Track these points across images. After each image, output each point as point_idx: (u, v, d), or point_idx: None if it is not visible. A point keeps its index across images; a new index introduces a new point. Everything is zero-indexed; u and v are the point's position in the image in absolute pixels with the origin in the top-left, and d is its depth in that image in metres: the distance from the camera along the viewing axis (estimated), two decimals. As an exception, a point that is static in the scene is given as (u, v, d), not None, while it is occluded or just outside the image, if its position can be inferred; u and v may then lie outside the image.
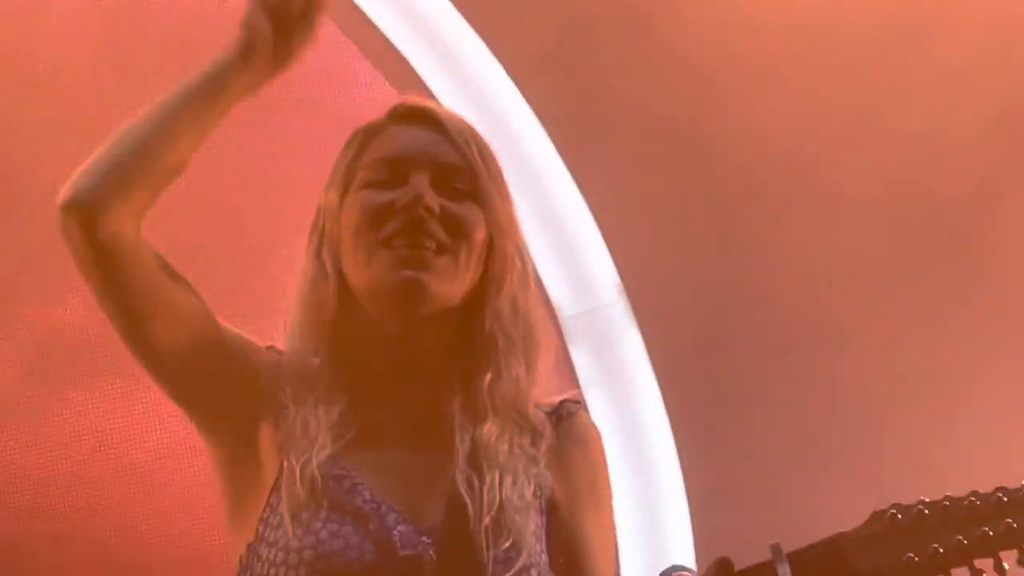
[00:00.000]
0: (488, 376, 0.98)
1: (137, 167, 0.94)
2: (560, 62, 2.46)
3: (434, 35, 2.52)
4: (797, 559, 0.83)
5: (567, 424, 1.03)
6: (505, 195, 1.03)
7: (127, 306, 0.95)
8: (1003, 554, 0.83)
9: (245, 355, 0.99)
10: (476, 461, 0.96)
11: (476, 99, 2.46)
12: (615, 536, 1.06)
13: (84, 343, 2.30)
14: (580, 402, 1.08)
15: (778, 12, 2.48)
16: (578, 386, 2.34)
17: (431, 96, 2.29)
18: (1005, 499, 0.83)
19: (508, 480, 0.95)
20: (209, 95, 0.96)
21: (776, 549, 0.83)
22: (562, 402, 1.05)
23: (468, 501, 0.93)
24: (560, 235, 2.49)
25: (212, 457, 0.99)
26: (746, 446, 2.40)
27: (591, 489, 1.02)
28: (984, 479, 0.87)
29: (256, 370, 0.99)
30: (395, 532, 0.91)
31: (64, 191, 0.93)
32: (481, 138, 1.05)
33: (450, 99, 2.34)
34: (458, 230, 0.98)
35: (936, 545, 0.82)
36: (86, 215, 0.92)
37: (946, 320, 2.45)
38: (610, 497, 1.05)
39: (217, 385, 0.98)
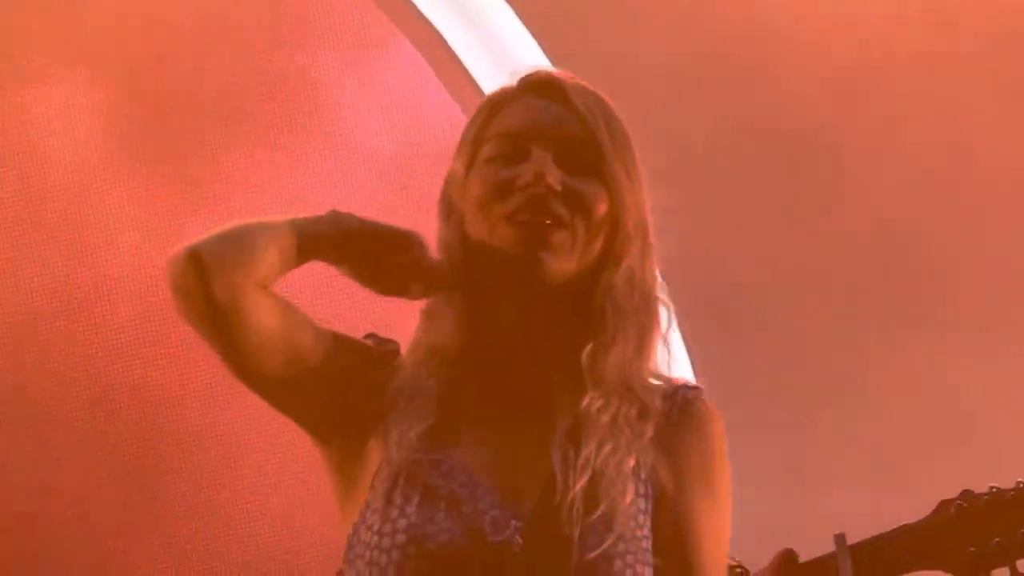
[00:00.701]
0: (593, 347, 0.97)
1: (265, 254, 0.98)
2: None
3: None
4: (860, 551, 0.83)
5: (683, 409, 1.00)
6: (631, 170, 1.01)
7: (237, 353, 0.98)
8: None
9: (362, 373, 1.01)
10: (575, 434, 0.95)
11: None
12: (727, 530, 0.99)
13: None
14: (699, 388, 1.03)
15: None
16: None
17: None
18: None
19: (605, 449, 0.93)
20: (354, 247, 1.02)
21: (839, 540, 0.83)
22: (680, 386, 1.02)
23: (559, 476, 0.92)
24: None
25: (321, 455, 1.02)
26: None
27: (704, 476, 0.99)
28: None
29: (371, 386, 1.00)
30: (487, 516, 0.92)
31: (188, 246, 0.96)
32: (610, 110, 1.03)
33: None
34: (579, 206, 0.98)
35: (999, 539, 0.81)
36: (203, 271, 0.95)
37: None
38: (726, 488, 1.00)
39: (332, 409, 1.00)
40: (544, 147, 0.99)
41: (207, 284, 0.95)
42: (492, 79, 2.39)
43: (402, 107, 2.61)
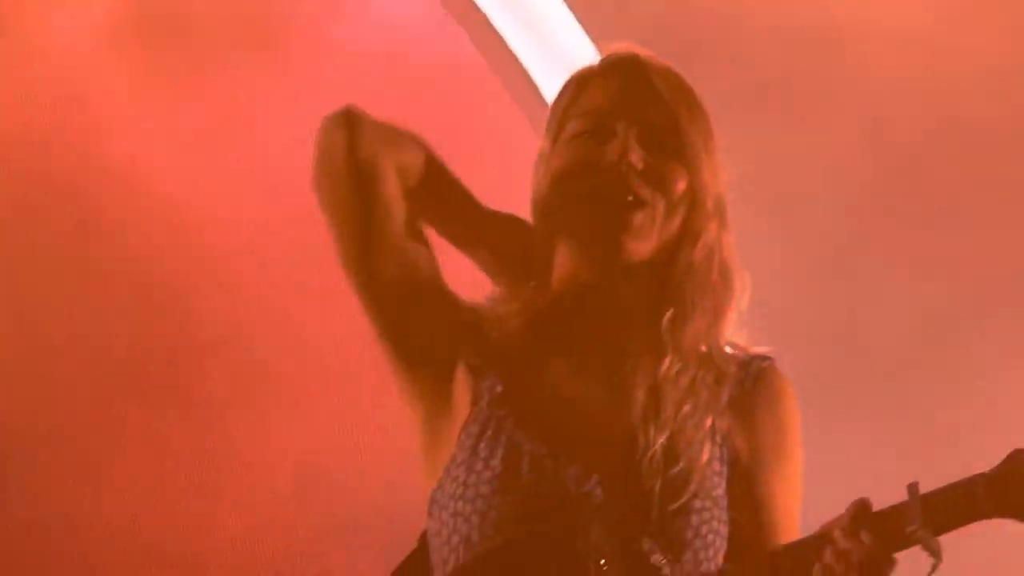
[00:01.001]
0: (673, 314, 1.00)
1: (407, 149, 1.06)
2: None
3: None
4: (932, 499, 0.84)
5: (757, 379, 1.04)
6: (711, 149, 1.04)
7: (360, 232, 1.02)
8: None
9: (453, 300, 1.06)
10: (655, 395, 0.99)
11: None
12: (799, 500, 1.04)
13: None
14: (772, 358, 1.07)
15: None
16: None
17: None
18: None
19: (685, 409, 0.98)
20: None
21: (912, 488, 0.84)
22: (754, 356, 1.06)
23: (640, 432, 0.96)
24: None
25: (409, 400, 1.05)
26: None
27: (777, 447, 1.03)
28: None
29: (460, 314, 1.05)
30: (570, 470, 0.96)
31: (341, 110, 1.04)
32: (690, 90, 1.06)
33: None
34: (660, 185, 1.00)
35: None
36: (354, 130, 1.02)
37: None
38: (798, 458, 1.04)
39: (425, 324, 1.03)
40: (628, 125, 1.01)
41: (354, 141, 1.01)
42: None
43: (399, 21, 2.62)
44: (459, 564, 0.95)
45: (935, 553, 0.84)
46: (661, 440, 0.96)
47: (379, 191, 1.01)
